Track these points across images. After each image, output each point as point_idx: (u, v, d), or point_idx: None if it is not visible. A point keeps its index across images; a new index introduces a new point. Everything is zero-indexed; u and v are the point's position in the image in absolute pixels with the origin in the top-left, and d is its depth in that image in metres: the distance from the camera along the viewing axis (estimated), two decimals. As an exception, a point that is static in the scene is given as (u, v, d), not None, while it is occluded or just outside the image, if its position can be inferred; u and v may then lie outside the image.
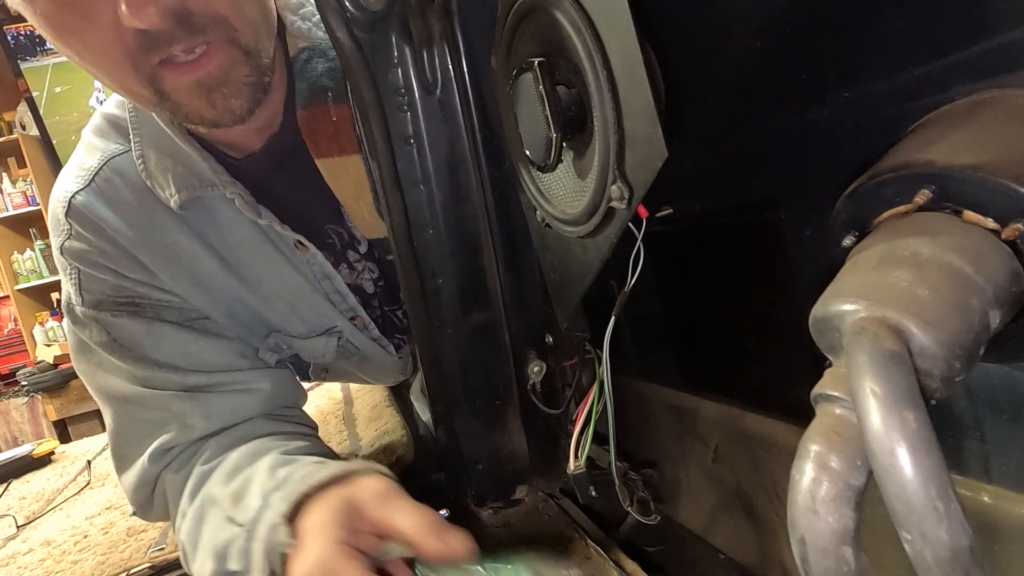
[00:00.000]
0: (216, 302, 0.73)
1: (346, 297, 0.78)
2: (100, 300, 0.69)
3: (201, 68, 0.55)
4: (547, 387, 0.60)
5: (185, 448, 0.68)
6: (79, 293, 0.69)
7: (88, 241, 0.68)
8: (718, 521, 0.51)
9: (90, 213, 0.68)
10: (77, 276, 0.69)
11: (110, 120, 0.73)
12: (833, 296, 0.23)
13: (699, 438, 0.51)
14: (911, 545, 0.19)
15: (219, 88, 0.56)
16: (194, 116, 0.58)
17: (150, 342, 0.69)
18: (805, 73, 0.31)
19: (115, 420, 0.71)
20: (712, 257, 0.45)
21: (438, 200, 0.53)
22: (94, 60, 0.56)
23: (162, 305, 0.71)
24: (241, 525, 0.56)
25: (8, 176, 3.84)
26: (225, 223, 0.70)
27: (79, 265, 0.69)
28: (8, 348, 3.93)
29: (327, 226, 0.77)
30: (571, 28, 0.34)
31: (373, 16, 0.48)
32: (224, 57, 0.55)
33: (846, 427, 0.22)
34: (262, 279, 0.73)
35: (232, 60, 0.56)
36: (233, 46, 0.56)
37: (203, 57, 0.54)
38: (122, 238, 0.68)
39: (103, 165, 0.69)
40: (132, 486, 0.70)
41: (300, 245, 0.72)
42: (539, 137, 0.39)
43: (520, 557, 0.59)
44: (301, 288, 0.75)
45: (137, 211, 0.68)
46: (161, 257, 0.69)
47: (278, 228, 0.70)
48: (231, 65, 0.56)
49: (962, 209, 0.23)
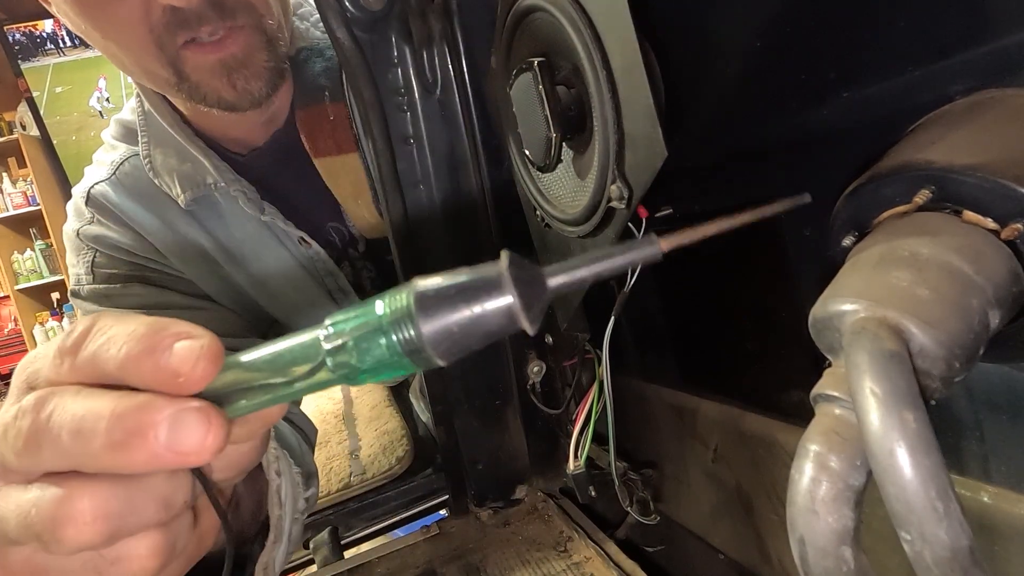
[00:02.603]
0: (222, 292, 0.75)
1: (348, 295, 0.78)
2: (112, 274, 0.71)
3: (224, 49, 0.56)
4: (547, 387, 0.60)
5: None
6: (91, 271, 0.71)
7: (107, 227, 0.72)
8: (718, 521, 0.51)
9: (108, 202, 0.71)
10: (92, 257, 0.72)
11: (125, 126, 0.75)
12: (833, 296, 0.23)
13: (699, 438, 0.51)
14: (910, 545, 0.19)
15: (240, 69, 0.57)
16: (212, 98, 0.59)
17: (158, 311, 0.70)
18: (805, 73, 0.31)
19: None
20: (712, 257, 0.45)
21: (438, 200, 0.53)
22: (117, 36, 0.56)
23: (174, 277, 0.73)
24: None
25: (8, 176, 3.84)
26: (231, 218, 0.72)
27: (95, 246, 0.72)
28: (8, 348, 3.93)
29: (329, 224, 0.78)
30: (571, 28, 0.34)
31: (373, 16, 0.48)
32: (248, 40, 0.57)
33: (846, 427, 0.22)
34: (267, 274, 0.75)
35: (254, 44, 0.57)
36: (257, 31, 0.57)
37: (227, 39, 0.55)
38: (138, 225, 0.71)
39: (124, 160, 0.73)
40: None
41: (304, 242, 0.73)
42: (539, 137, 0.39)
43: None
44: (305, 284, 0.76)
45: (153, 203, 0.71)
46: (175, 247, 0.72)
47: (282, 224, 0.71)
48: (253, 49, 0.57)
49: (962, 209, 0.23)
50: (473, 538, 0.72)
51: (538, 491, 0.75)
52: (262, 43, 0.58)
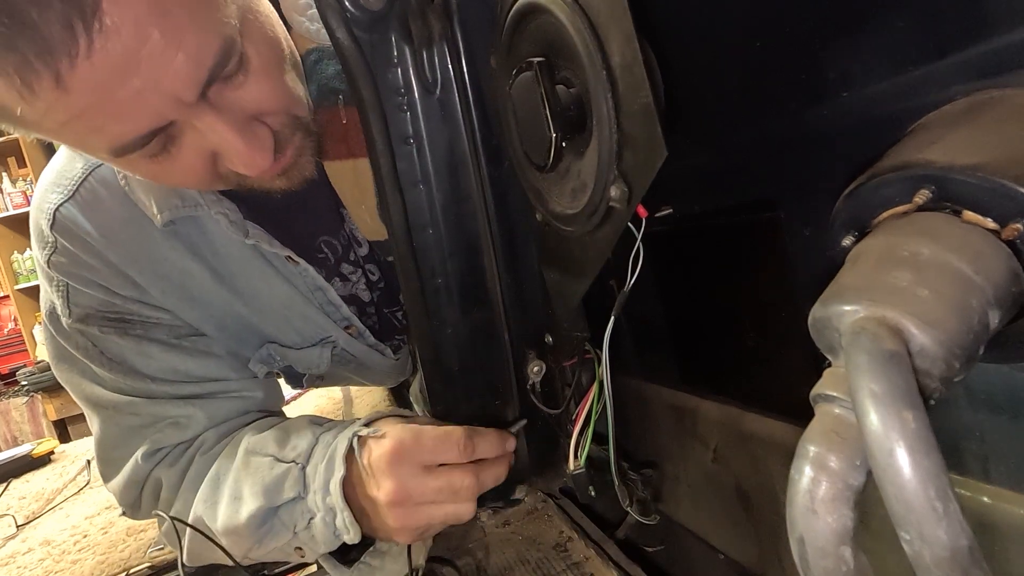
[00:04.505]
0: (207, 316, 0.72)
1: (340, 308, 0.77)
2: (88, 315, 0.68)
3: (281, 164, 0.56)
4: (547, 387, 0.60)
5: (175, 447, 0.69)
6: (67, 306, 0.68)
7: (75, 256, 0.66)
8: (718, 521, 0.51)
9: (76, 227, 0.66)
10: (65, 290, 0.68)
11: None
12: (832, 296, 0.23)
13: (699, 438, 0.51)
14: (910, 545, 0.19)
15: (294, 169, 0.59)
16: (275, 191, 0.60)
17: (140, 360, 0.68)
18: (805, 73, 0.31)
19: (102, 428, 0.71)
20: (712, 257, 0.45)
21: (438, 200, 0.53)
22: (180, 185, 0.61)
23: (152, 322, 0.70)
24: (292, 461, 0.60)
25: (8, 176, 3.84)
26: (216, 237, 0.69)
27: (67, 279, 0.67)
28: (8, 348, 3.93)
29: (320, 239, 0.77)
30: (571, 28, 0.34)
31: (373, 16, 0.48)
32: (296, 146, 0.57)
33: (845, 427, 0.22)
34: (255, 292, 0.73)
35: (301, 144, 0.58)
36: (300, 131, 0.58)
37: (280, 156, 0.56)
38: (111, 253, 0.66)
39: (87, 175, 0.66)
40: (120, 486, 0.70)
41: (291, 260, 0.72)
42: (539, 137, 0.39)
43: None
44: (294, 300, 0.75)
45: (124, 225, 0.66)
46: (151, 272, 0.68)
47: (266, 246, 0.69)
48: (302, 149, 0.58)
49: (962, 209, 0.23)
50: (473, 538, 0.72)
51: (538, 491, 0.75)
52: (303, 136, 0.58)
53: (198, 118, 0.48)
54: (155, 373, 0.69)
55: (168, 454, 0.69)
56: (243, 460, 0.63)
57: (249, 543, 0.60)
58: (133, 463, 0.68)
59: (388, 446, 0.53)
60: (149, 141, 0.48)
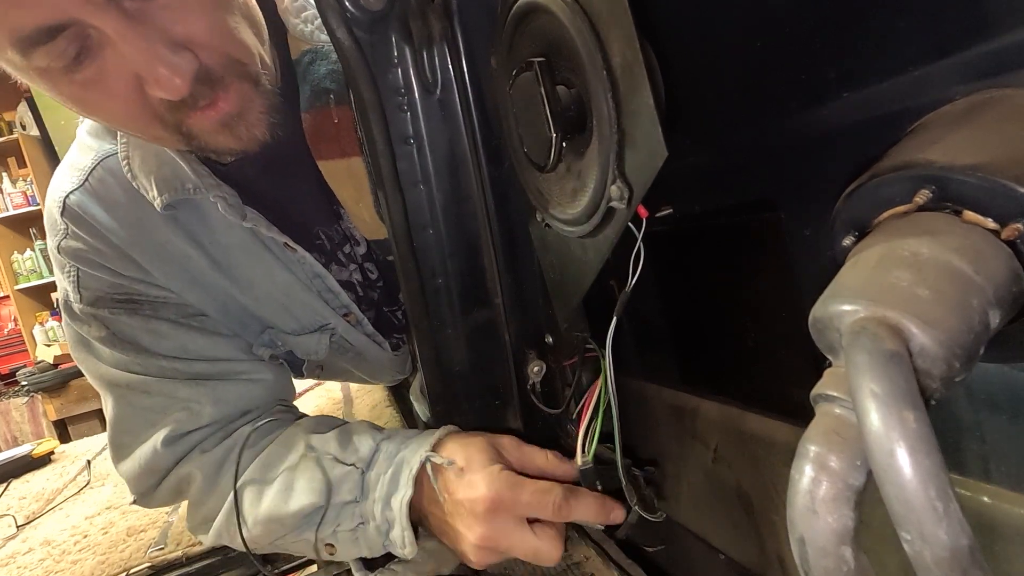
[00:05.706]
0: (210, 299, 0.74)
1: (339, 295, 0.78)
2: (98, 298, 0.70)
3: (220, 109, 0.56)
4: (547, 387, 0.60)
5: (201, 430, 0.69)
6: (77, 291, 0.70)
7: (84, 240, 0.69)
8: (718, 521, 0.51)
9: (84, 213, 0.69)
10: (76, 274, 0.70)
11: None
12: (833, 296, 0.23)
13: (699, 438, 0.51)
14: (910, 545, 0.19)
15: (239, 122, 0.58)
16: (223, 149, 0.60)
17: (149, 338, 0.70)
18: (805, 73, 0.31)
19: (116, 408, 0.71)
20: (712, 257, 0.45)
21: (438, 200, 0.53)
22: (121, 124, 0.60)
23: (160, 302, 0.71)
24: (352, 464, 0.61)
25: (8, 176, 3.84)
26: (215, 223, 0.70)
27: (77, 264, 0.70)
28: (8, 348, 3.93)
29: (317, 228, 0.77)
30: (571, 28, 0.34)
31: (373, 16, 0.48)
32: (238, 94, 0.57)
33: (845, 427, 0.22)
34: (254, 279, 0.74)
35: (246, 94, 0.58)
36: (243, 80, 0.57)
37: (218, 99, 0.56)
38: (115, 237, 0.69)
39: (96, 165, 0.70)
40: (135, 473, 0.71)
41: (288, 247, 0.72)
42: (539, 137, 0.39)
43: None
44: (293, 287, 0.75)
45: (129, 210, 0.69)
46: (154, 256, 0.70)
47: (264, 231, 0.70)
48: (246, 99, 0.58)
49: (962, 209, 0.23)
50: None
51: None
52: (251, 90, 0.58)
53: (105, 22, 0.47)
54: (166, 351, 0.70)
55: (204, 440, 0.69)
56: (302, 454, 0.63)
57: (284, 532, 0.61)
58: (152, 451, 0.69)
59: (485, 494, 0.53)
60: (54, 37, 0.47)
